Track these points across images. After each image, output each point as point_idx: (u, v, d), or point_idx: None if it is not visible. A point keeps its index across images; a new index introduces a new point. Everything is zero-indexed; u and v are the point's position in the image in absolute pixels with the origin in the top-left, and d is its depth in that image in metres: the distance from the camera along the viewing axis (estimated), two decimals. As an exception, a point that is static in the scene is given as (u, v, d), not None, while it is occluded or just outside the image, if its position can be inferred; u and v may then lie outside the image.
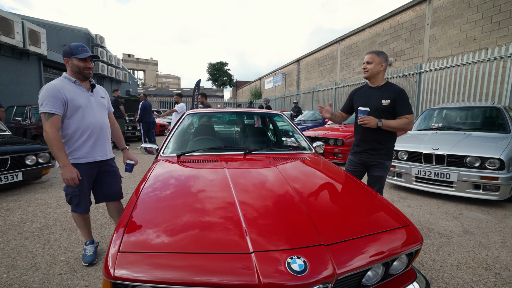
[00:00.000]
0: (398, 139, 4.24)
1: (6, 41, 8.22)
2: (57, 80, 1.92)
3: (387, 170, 2.20)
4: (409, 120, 2.03)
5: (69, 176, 1.82)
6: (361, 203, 1.47)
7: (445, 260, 2.15)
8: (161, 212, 1.29)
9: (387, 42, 11.49)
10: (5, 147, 3.69)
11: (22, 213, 3.06)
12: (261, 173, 1.79)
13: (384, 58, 2.08)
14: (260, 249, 1.01)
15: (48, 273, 1.95)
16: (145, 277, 0.93)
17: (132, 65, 55.49)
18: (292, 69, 21.78)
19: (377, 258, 1.07)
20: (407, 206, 3.38)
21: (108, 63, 15.47)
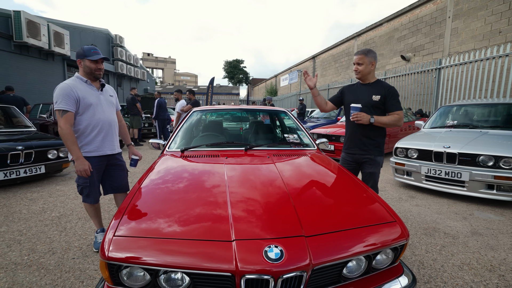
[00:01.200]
0: (409, 137, 4.14)
1: (33, 43, 8.76)
2: (70, 79, 2.07)
3: (379, 166, 2.20)
4: (399, 116, 2.06)
5: (82, 168, 1.97)
6: (351, 198, 1.49)
7: (447, 260, 2.11)
8: (157, 202, 1.38)
9: (405, 37, 11.09)
10: (30, 142, 3.98)
11: (43, 203, 3.30)
12: (257, 167, 1.85)
13: (373, 57, 2.10)
14: (241, 237, 1.07)
15: (63, 257, 2.12)
16: (135, 259, 1.02)
17: (151, 63, 56.99)
18: (307, 66, 21.52)
19: (356, 251, 1.10)
20: (415, 205, 3.31)
21: (127, 62, 16.03)
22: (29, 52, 9.16)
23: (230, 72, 42.08)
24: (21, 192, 3.70)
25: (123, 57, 15.36)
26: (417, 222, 2.81)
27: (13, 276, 1.88)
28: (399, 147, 3.86)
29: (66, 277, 1.87)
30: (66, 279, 1.86)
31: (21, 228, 2.63)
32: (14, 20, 8.29)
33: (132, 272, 1.07)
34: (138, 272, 1.07)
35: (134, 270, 1.07)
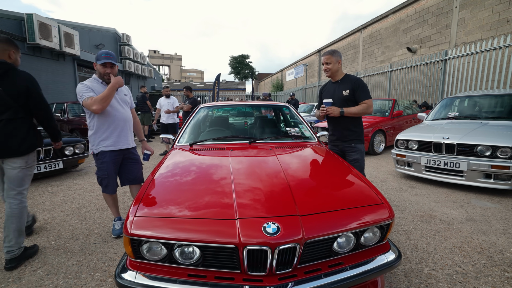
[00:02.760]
0: (410, 129, 4.23)
1: (45, 44, 9.07)
2: (87, 81, 2.28)
3: (362, 153, 2.43)
4: (367, 104, 2.32)
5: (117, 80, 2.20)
6: (343, 183, 1.65)
7: (440, 244, 2.25)
8: (170, 189, 1.57)
9: (411, 28, 10.97)
10: (47, 139, 4.23)
11: (63, 196, 3.56)
12: (260, 159, 2.01)
13: (338, 55, 2.40)
14: (243, 216, 1.24)
15: (85, 242, 2.35)
16: (152, 235, 1.21)
17: (157, 60, 57.46)
18: (313, 60, 21.42)
19: (344, 229, 1.26)
20: (415, 194, 3.42)
21: (134, 60, 16.33)
22: (41, 53, 9.50)
23: (236, 67, 42.09)
24: (42, 186, 3.98)
25: (130, 55, 15.65)
26: (414, 210, 2.93)
27: (43, 258, 2.11)
28: (400, 139, 3.96)
29: (90, 259, 2.10)
30: (90, 260, 2.08)
31: (46, 217, 2.88)
32: (27, 23, 8.60)
33: (151, 247, 1.26)
34: (156, 247, 1.25)
35: (153, 245, 1.25)
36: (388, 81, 10.66)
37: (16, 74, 1.97)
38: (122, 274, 1.28)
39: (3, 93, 1.89)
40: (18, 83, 1.94)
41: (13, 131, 1.95)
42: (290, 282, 1.18)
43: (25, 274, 1.92)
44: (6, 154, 1.97)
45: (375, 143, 5.98)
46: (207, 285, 1.18)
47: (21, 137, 1.99)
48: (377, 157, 5.82)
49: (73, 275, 1.90)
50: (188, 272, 1.24)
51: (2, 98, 1.89)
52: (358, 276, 1.27)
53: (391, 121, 6.33)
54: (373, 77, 11.64)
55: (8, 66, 1.94)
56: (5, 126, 1.91)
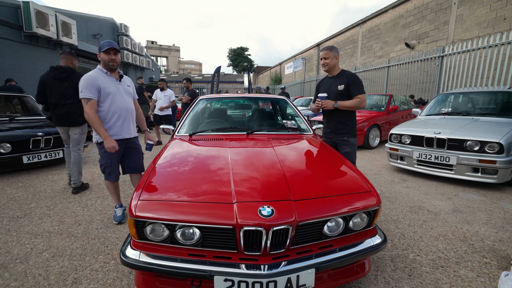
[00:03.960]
0: (404, 124, 4.34)
1: (42, 33, 8.98)
2: (92, 71, 2.33)
3: (354, 146, 2.54)
4: (360, 99, 2.41)
5: (110, 145, 2.25)
6: (335, 172, 1.75)
7: (426, 233, 2.37)
8: (171, 176, 1.66)
9: (410, 24, 11.00)
10: (48, 129, 4.29)
11: (64, 184, 3.63)
12: (257, 149, 2.10)
13: (336, 51, 2.49)
14: (240, 200, 1.34)
15: (88, 228, 2.44)
16: (156, 216, 1.30)
17: (155, 51, 56.76)
18: (312, 53, 21.37)
19: (334, 213, 1.36)
20: (406, 187, 3.55)
21: (132, 51, 16.18)
22: (38, 42, 9.41)
23: (235, 60, 41.80)
24: (43, 174, 4.05)
25: (128, 46, 15.50)
26: (404, 202, 3.06)
27: (48, 241, 2.21)
28: (393, 133, 4.07)
29: (93, 243, 2.19)
30: (93, 244, 2.18)
31: (48, 204, 2.96)
32: (24, 11, 8.49)
33: (154, 228, 1.35)
34: (159, 228, 1.35)
35: (155, 226, 1.35)
36: (386, 76, 10.73)
37: (76, 75, 3.20)
38: (126, 253, 1.38)
39: (68, 87, 3.17)
40: (76, 81, 2.90)
41: (74, 110, 3.18)
42: (283, 261, 1.28)
43: (31, 256, 2.02)
44: (71, 124, 3.23)
45: (370, 137, 6.10)
46: (206, 263, 1.28)
47: (79, 113, 3.15)
48: (372, 151, 5.94)
49: (77, 257, 2.00)
50: (189, 251, 1.34)
51: (67, 90, 3.17)
52: (346, 257, 1.37)
53: (386, 116, 6.44)
54: (371, 72, 11.70)
55: (71, 70, 3.23)
56: (70, 107, 3.17)
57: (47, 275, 1.80)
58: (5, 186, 3.53)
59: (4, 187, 3.47)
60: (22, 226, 2.46)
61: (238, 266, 1.26)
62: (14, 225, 2.49)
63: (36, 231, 2.38)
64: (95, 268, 1.88)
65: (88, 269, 1.87)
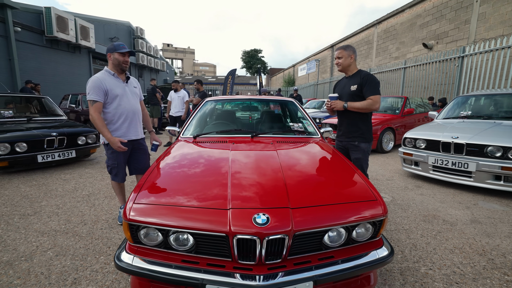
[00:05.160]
0: (419, 127, 4.14)
1: (62, 37, 9.36)
2: (100, 73, 2.35)
3: (365, 153, 2.37)
4: (373, 100, 2.25)
5: (116, 146, 2.26)
6: (339, 179, 1.66)
7: (440, 244, 2.22)
8: (169, 179, 1.63)
9: (428, 24, 10.60)
10: (62, 129, 4.42)
11: (75, 183, 3.72)
12: (259, 152, 2.04)
13: (351, 50, 2.35)
14: (235, 207, 1.28)
15: (93, 228, 2.47)
16: (149, 221, 1.27)
17: (170, 54, 57.99)
18: (326, 55, 21.09)
19: (334, 223, 1.28)
20: (420, 194, 3.37)
21: (147, 53, 16.57)
22: (58, 46, 9.80)
23: (248, 62, 41.96)
24: (56, 173, 4.16)
25: (143, 48, 15.88)
26: (418, 210, 2.90)
27: (54, 240, 2.24)
28: (407, 137, 3.89)
29: (96, 243, 2.20)
30: (96, 244, 2.19)
31: (58, 203, 3.03)
32: (45, 16, 8.87)
33: (148, 232, 1.32)
34: (153, 232, 1.32)
35: (149, 230, 1.32)
36: (402, 78, 10.38)
37: None
38: (121, 257, 1.36)
39: None
40: None
41: None
42: (280, 272, 1.21)
43: (36, 254, 2.05)
44: None
45: (384, 141, 5.88)
46: (200, 271, 1.23)
47: None
48: (385, 156, 5.73)
49: (79, 257, 2.01)
50: (182, 258, 1.29)
51: None
52: (348, 270, 1.28)
53: (401, 119, 6.20)
54: (386, 74, 11.37)
55: None
56: None
57: (48, 274, 1.82)
58: (20, 184, 3.65)
59: (19, 185, 3.59)
60: (31, 224, 2.52)
61: (232, 275, 1.20)
62: (24, 222, 2.56)
63: (44, 229, 2.43)
64: (95, 269, 1.88)
65: (89, 270, 1.87)
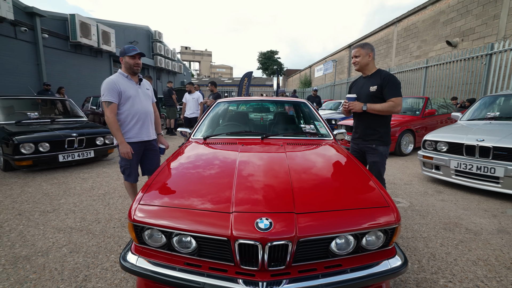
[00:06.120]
0: (441, 129, 3.93)
1: (86, 42, 9.80)
2: (114, 75, 2.41)
3: (383, 156, 2.24)
4: (394, 103, 2.11)
5: (125, 151, 2.31)
6: (350, 183, 1.58)
7: (462, 255, 2.07)
8: (175, 180, 1.64)
9: (452, 20, 10.09)
10: (82, 130, 4.60)
11: (92, 182, 3.85)
12: (268, 154, 2.00)
13: (369, 48, 2.21)
14: (238, 210, 1.25)
15: (106, 226, 2.53)
16: (152, 222, 1.27)
17: (188, 56, 59.27)
18: (343, 55, 20.66)
19: (342, 230, 1.21)
20: (441, 200, 3.18)
21: (165, 56, 17.00)
22: (82, 51, 10.28)
23: (264, 63, 41.98)
24: (75, 172, 4.34)
25: (161, 51, 16.31)
26: (438, 217, 2.73)
27: (69, 237, 2.32)
28: (427, 139, 3.70)
29: (108, 242, 2.25)
30: (107, 243, 2.24)
31: (75, 201, 3.14)
32: (70, 23, 9.34)
33: (152, 234, 1.32)
34: (157, 234, 1.31)
35: (153, 232, 1.31)
36: (423, 78, 9.95)
37: None
38: (126, 257, 1.37)
39: None
40: None
41: None
42: (284, 279, 1.16)
43: (52, 250, 2.12)
44: None
45: (403, 144, 5.64)
46: (202, 275, 1.21)
47: None
48: (404, 159, 5.49)
49: (91, 254, 2.06)
50: (185, 260, 1.28)
51: None
52: (357, 280, 1.22)
53: (422, 121, 5.92)
54: (407, 74, 10.95)
55: None
56: None
57: (62, 270, 1.88)
58: (42, 182, 3.83)
59: (41, 183, 3.77)
60: (50, 221, 2.62)
61: (235, 280, 1.17)
62: (43, 219, 2.67)
63: (60, 226, 2.52)
64: (106, 267, 1.91)
65: (99, 268, 1.91)
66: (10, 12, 7.24)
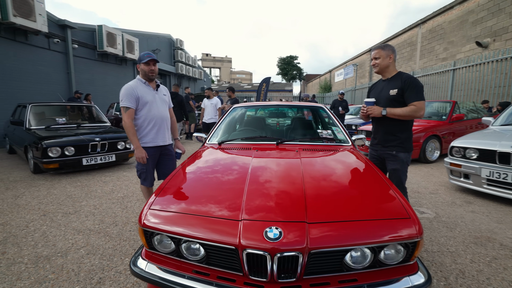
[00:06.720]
0: (470, 135, 3.67)
1: (111, 51, 10.32)
2: (132, 81, 2.48)
3: (403, 163, 2.10)
4: (416, 107, 1.99)
5: (140, 155, 2.36)
6: (368, 192, 1.49)
7: (497, 273, 1.88)
8: (187, 184, 1.63)
9: (483, 20, 9.53)
10: (104, 135, 4.80)
11: (113, 185, 3.97)
12: (282, 160, 1.95)
13: (390, 50, 2.11)
14: (248, 218, 1.21)
15: (122, 229, 2.58)
16: (160, 228, 1.26)
17: (209, 63, 60.70)
18: (364, 59, 20.18)
19: (357, 243, 1.13)
20: (471, 211, 2.94)
21: (186, 63, 17.49)
22: (108, 59, 10.83)
23: (284, 68, 42.00)
24: (97, 175, 4.51)
25: (182, 58, 16.80)
26: (468, 230, 2.52)
27: (87, 239, 2.38)
28: (455, 146, 3.46)
29: (123, 245, 2.29)
30: (123, 246, 2.27)
31: (95, 203, 3.25)
32: (98, 33, 9.89)
33: (162, 239, 1.31)
34: (166, 240, 1.30)
35: (163, 238, 1.30)
36: (451, 81, 9.44)
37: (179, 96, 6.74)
38: (136, 262, 1.37)
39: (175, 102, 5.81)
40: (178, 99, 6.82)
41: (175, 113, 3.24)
42: (294, 293, 1.10)
43: (71, 251, 2.19)
44: None
45: (428, 150, 5.34)
46: (211, 284, 1.18)
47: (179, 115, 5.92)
48: (429, 166, 5.18)
49: (107, 257, 2.10)
50: (193, 268, 1.25)
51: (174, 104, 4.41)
52: (373, 298, 1.13)
53: (449, 126, 5.58)
54: (432, 77, 10.45)
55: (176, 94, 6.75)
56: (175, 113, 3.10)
57: (78, 272, 1.92)
58: (67, 184, 4.01)
59: (66, 185, 3.95)
60: (71, 222, 2.72)
61: (242, 291, 1.12)
62: (65, 220, 2.77)
63: (80, 227, 2.60)
64: (119, 270, 1.93)
65: (113, 271, 1.93)
66: (44, 25, 7.79)
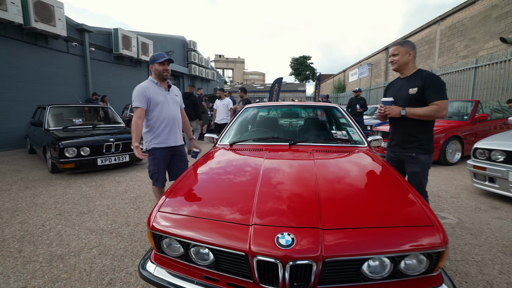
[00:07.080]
0: (495, 136, 3.46)
1: (127, 54, 10.56)
2: (144, 82, 2.49)
3: (424, 166, 1.97)
4: (438, 106, 1.85)
5: (136, 153, 2.35)
6: (386, 197, 1.40)
7: (529, 286, 1.73)
8: (197, 186, 1.59)
9: (508, 14, 9.05)
10: (119, 135, 4.88)
11: (126, 185, 4.02)
12: (295, 162, 1.88)
13: (410, 46, 1.98)
14: (258, 223, 1.15)
15: (134, 230, 2.59)
16: (169, 231, 1.22)
17: (222, 64, 61.14)
18: (379, 58, 19.69)
19: (375, 251, 1.05)
20: (497, 217, 2.76)
21: (199, 64, 17.66)
22: (123, 61, 11.08)
23: (297, 69, 41.73)
24: (111, 175, 4.59)
25: (196, 60, 16.97)
26: (494, 237, 2.36)
27: (100, 239, 2.40)
28: (479, 147, 3.26)
29: (134, 245, 2.29)
30: (134, 246, 2.27)
31: (109, 203, 3.29)
32: (113, 36, 10.15)
33: (170, 243, 1.28)
34: (175, 243, 1.27)
35: (172, 241, 1.27)
36: (472, 79, 9.01)
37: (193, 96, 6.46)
38: (145, 266, 1.34)
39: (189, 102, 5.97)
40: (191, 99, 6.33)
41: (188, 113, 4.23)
42: (308, 303, 1.04)
43: (83, 251, 2.21)
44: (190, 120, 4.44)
45: (448, 152, 5.09)
46: None
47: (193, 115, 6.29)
48: (450, 168, 4.94)
49: (118, 258, 2.10)
50: (202, 273, 1.21)
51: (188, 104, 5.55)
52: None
53: (471, 126, 5.31)
54: (452, 75, 10.02)
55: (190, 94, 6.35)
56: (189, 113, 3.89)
57: (90, 272, 1.93)
58: (82, 184, 4.10)
59: (81, 185, 4.04)
60: (84, 222, 2.76)
61: (253, 300, 1.07)
62: (79, 220, 2.82)
63: (93, 227, 2.63)
64: (130, 272, 1.93)
65: (124, 272, 1.93)
66: (63, 29, 8.07)
